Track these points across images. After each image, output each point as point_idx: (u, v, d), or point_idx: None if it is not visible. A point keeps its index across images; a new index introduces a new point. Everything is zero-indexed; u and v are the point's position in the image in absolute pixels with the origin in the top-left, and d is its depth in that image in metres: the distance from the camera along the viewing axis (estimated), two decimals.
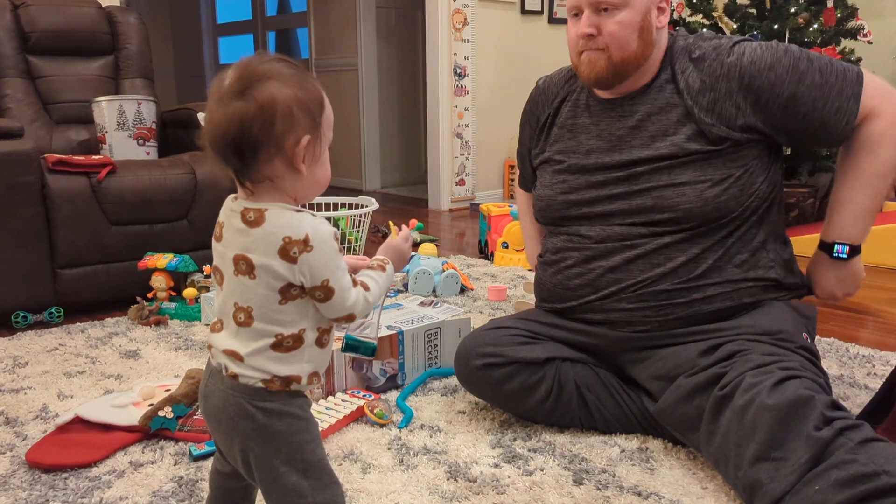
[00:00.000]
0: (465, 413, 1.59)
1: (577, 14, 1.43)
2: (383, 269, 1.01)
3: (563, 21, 4.97)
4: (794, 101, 1.38)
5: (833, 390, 1.67)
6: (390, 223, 1.19)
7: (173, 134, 2.99)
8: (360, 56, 5.55)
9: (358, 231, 2.96)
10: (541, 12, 4.88)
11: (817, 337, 2.09)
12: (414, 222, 1.12)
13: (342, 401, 1.60)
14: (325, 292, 0.88)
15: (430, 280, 2.59)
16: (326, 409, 1.56)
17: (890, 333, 2.22)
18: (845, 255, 1.46)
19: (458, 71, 4.58)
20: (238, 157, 0.87)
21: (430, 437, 1.49)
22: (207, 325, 2.26)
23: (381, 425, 1.54)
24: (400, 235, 1.07)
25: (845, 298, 1.53)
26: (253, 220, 0.88)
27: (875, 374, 1.83)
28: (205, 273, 2.43)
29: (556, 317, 1.55)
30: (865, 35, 3.40)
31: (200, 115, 2.79)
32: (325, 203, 3.22)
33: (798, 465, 1.09)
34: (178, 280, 2.42)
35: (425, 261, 2.66)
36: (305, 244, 0.85)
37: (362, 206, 3.03)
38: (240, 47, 7.23)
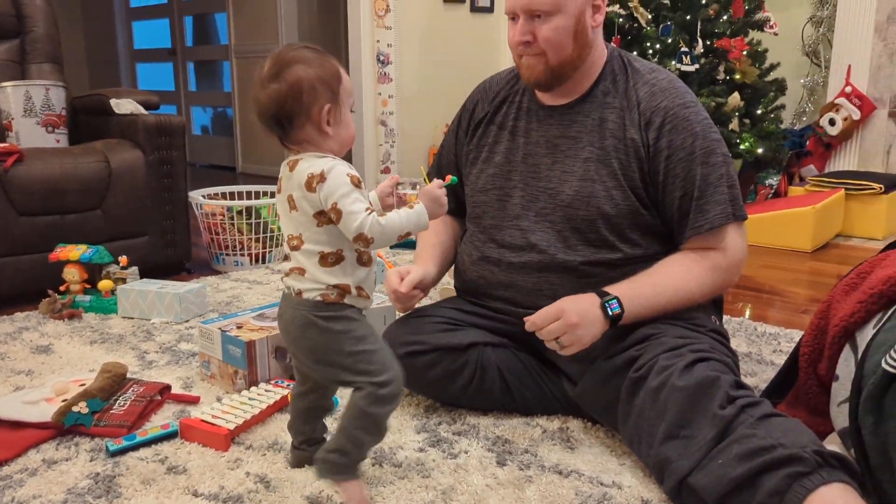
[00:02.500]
0: None
1: (515, 18, 1.42)
2: (411, 207, 1.17)
3: (485, 9, 5.00)
4: (677, 169, 1.40)
5: (742, 367, 1.75)
6: (422, 169, 1.37)
7: (85, 121, 2.88)
8: (280, 42, 5.44)
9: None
10: (463, 1, 4.89)
11: (729, 317, 2.18)
12: (449, 177, 1.28)
13: (266, 391, 1.58)
14: (335, 214, 1.09)
15: None
16: (250, 399, 1.54)
17: (794, 312, 2.33)
18: (610, 314, 1.34)
19: (382, 58, 4.56)
20: (279, 127, 1.13)
21: None
22: (124, 317, 2.20)
23: None
24: (434, 182, 1.22)
25: (551, 337, 1.32)
26: (290, 166, 1.14)
27: (781, 350, 1.92)
28: (121, 264, 2.35)
29: (478, 304, 1.57)
30: (771, 27, 3.55)
31: (113, 102, 2.69)
32: (248, 191, 3.16)
33: (704, 442, 1.14)
34: (93, 272, 2.34)
35: None
36: (321, 177, 1.09)
37: None
38: (155, 32, 6.99)
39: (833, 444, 1.21)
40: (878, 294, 1.19)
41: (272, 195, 3.08)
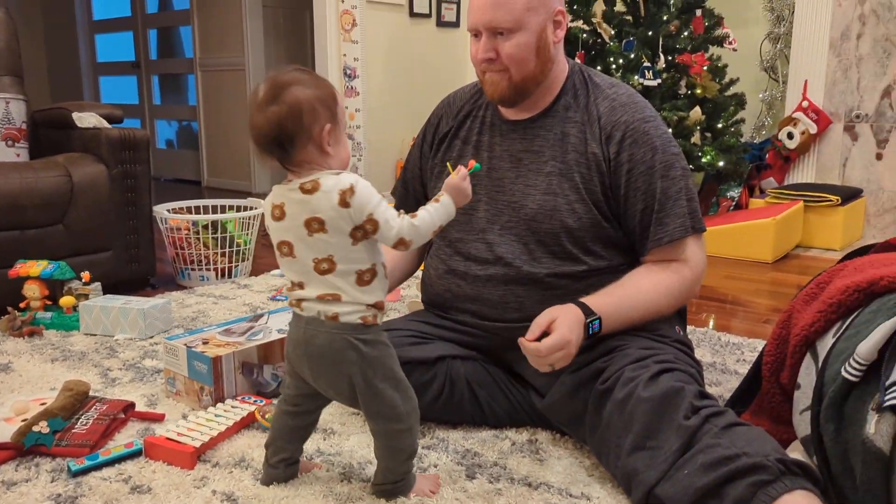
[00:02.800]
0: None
1: (477, 35, 1.44)
2: (437, 201, 1.19)
3: (451, 24, 5.04)
4: (637, 183, 1.42)
5: (707, 377, 1.77)
6: (448, 164, 1.33)
7: (46, 135, 2.83)
8: (246, 56, 5.42)
9: (247, 233, 2.90)
10: (429, 15, 4.92)
11: (693, 327, 2.22)
12: (472, 163, 1.26)
13: (232, 407, 1.56)
14: (372, 225, 1.11)
15: None
16: (216, 416, 1.52)
17: (757, 322, 2.37)
18: (590, 332, 1.34)
19: (349, 72, 4.56)
20: (280, 149, 1.12)
21: (324, 439, 1.48)
22: (87, 334, 2.16)
23: None
24: (458, 174, 1.21)
25: (549, 363, 1.29)
26: (310, 189, 1.11)
27: (744, 360, 1.95)
28: (83, 280, 2.31)
29: (445, 317, 1.57)
30: (731, 43, 3.62)
31: (76, 115, 2.66)
32: (213, 205, 3.13)
33: (670, 452, 1.16)
34: (54, 288, 2.30)
35: None
36: (352, 190, 1.10)
37: (251, 209, 2.97)
38: (119, 45, 6.91)
39: (796, 452, 1.23)
40: (837, 303, 1.22)
41: (238, 209, 3.06)
